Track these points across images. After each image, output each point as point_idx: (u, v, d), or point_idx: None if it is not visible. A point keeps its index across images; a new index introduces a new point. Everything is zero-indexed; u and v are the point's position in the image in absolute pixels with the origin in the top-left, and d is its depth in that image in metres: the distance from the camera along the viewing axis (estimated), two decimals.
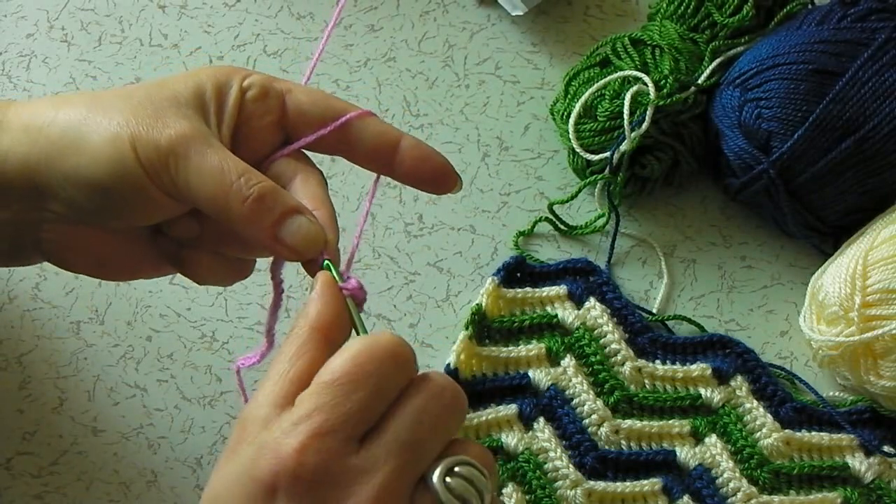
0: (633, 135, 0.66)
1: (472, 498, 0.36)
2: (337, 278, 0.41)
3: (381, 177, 0.46)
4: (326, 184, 0.46)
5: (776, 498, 0.62)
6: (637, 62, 0.69)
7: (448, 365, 0.63)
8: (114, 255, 0.46)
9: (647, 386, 0.65)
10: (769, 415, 0.64)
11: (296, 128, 0.45)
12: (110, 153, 0.41)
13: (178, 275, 0.65)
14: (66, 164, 0.41)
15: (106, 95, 0.43)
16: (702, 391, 0.64)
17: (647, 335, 0.66)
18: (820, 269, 0.67)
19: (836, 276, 0.63)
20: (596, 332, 0.65)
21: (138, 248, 0.47)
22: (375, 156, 0.44)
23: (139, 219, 0.44)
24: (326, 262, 0.42)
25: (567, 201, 0.69)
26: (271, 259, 0.45)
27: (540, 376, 0.64)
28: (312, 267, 0.42)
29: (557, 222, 0.69)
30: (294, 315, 0.40)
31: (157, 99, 0.42)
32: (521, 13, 0.73)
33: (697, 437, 0.63)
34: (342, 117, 0.44)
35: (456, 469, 0.36)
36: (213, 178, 0.40)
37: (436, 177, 0.44)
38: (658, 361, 0.65)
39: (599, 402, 0.63)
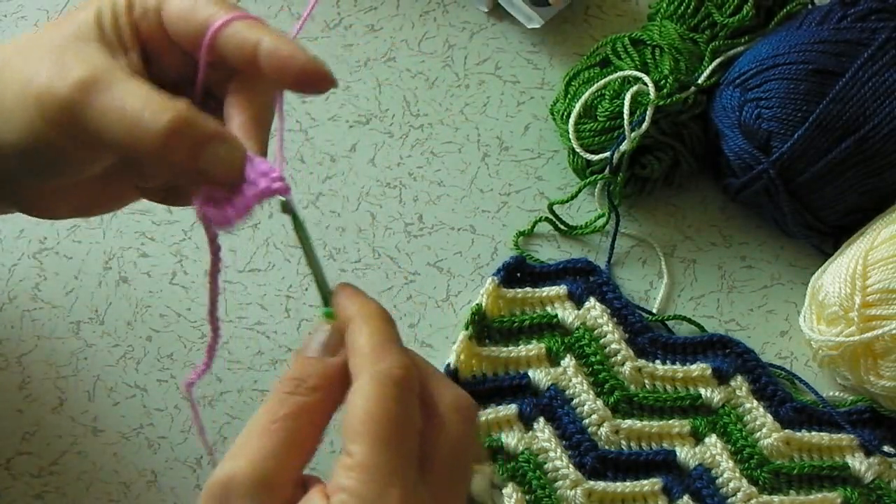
0: (633, 135, 0.66)
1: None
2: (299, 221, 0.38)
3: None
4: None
5: (776, 498, 0.62)
6: (637, 62, 0.69)
7: (448, 365, 0.63)
8: (88, 199, 0.43)
9: (647, 386, 0.65)
10: (769, 415, 0.64)
11: (176, 41, 0.40)
12: (20, 116, 0.38)
13: (178, 275, 0.66)
14: None
15: (24, 43, 0.39)
16: (702, 391, 0.64)
17: (647, 335, 0.66)
18: (820, 269, 0.67)
19: (836, 276, 0.63)
20: (596, 332, 0.65)
21: (110, 184, 0.43)
22: (243, 67, 0.39)
23: (75, 174, 0.41)
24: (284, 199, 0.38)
25: (567, 201, 0.69)
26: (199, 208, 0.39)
27: (540, 376, 0.64)
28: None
29: (557, 222, 0.69)
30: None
31: (60, 40, 0.39)
32: (537, 26, 0.73)
33: (697, 437, 0.63)
34: (208, 31, 0.38)
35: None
36: (118, 119, 0.36)
37: (301, 81, 0.38)
38: (658, 361, 0.65)
39: (599, 402, 0.63)
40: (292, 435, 0.35)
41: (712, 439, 0.63)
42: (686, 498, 0.61)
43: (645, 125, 0.66)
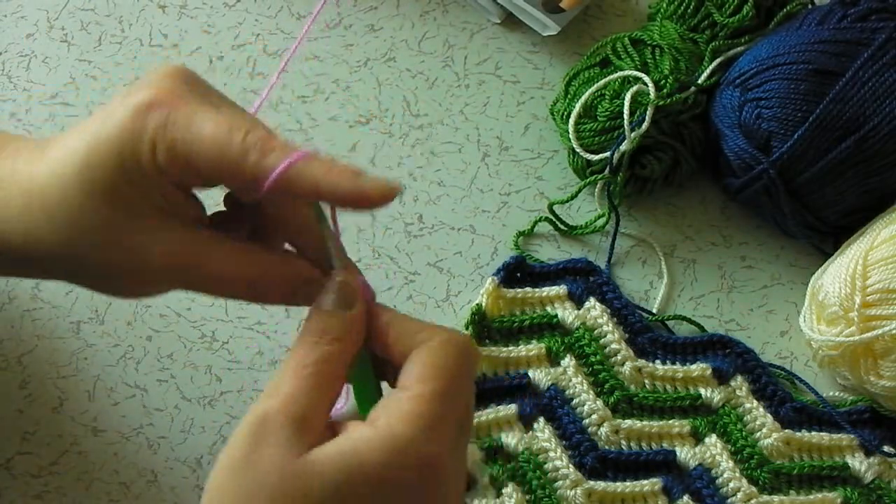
0: (633, 135, 0.66)
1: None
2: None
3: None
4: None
5: (776, 498, 0.62)
6: (637, 62, 0.69)
7: None
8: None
9: (647, 386, 0.65)
10: (769, 415, 0.64)
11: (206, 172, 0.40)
12: (107, 287, 0.43)
13: None
14: (73, 281, 0.43)
15: (61, 224, 0.39)
16: (702, 391, 0.64)
17: (647, 335, 0.66)
18: (820, 269, 0.67)
19: (836, 276, 0.63)
20: (596, 332, 0.65)
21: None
22: (306, 198, 0.41)
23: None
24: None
25: (567, 201, 0.70)
26: None
27: (540, 376, 0.64)
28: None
29: (557, 222, 0.69)
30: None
31: (109, 227, 0.39)
32: (553, 33, 0.73)
33: (697, 437, 0.63)
34: (271, 172, 0.38)
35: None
36: (218, 286, 0.42)
37: (364, 205, 0.40)
38: (658, 361, 0.65)
39: (599, 402, 0.63)
40: (321, 379, 0.38)
41: (712, 439, 0.63)
42: (686, 498, 0.61)
43: (645, 125, 0.66)
